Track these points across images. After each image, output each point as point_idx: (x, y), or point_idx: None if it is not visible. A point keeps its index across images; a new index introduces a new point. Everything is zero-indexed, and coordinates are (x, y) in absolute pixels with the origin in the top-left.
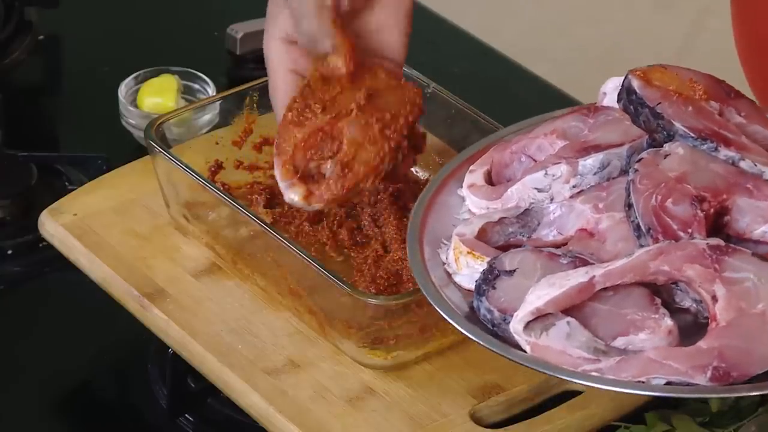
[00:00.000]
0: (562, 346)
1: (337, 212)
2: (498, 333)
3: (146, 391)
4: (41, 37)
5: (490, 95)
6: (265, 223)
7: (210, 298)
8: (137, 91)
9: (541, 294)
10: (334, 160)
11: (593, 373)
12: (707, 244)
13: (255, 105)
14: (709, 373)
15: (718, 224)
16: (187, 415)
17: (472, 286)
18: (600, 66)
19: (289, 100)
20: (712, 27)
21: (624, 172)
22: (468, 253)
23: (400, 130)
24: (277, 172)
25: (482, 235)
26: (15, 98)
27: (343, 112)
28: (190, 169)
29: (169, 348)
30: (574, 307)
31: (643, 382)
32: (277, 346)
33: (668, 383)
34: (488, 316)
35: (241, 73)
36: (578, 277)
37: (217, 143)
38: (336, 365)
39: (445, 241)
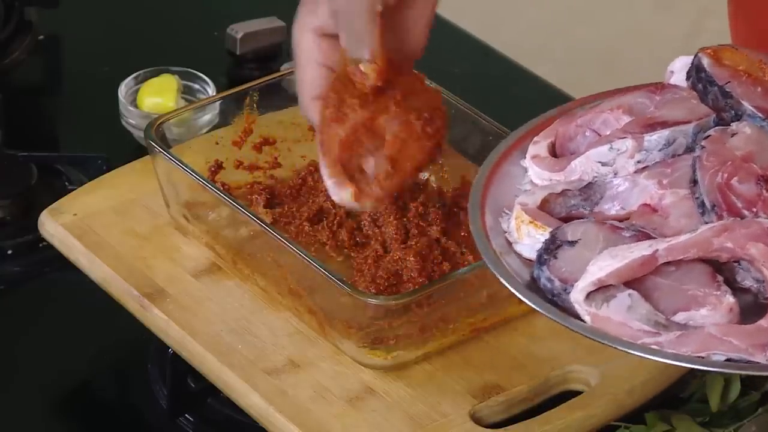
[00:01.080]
0: (623, 318)
1: (337, 212)
2: (558, 303)
3: (146, 391)
4: (41, 37)
5: (490, 95)
6: (265, 223)
7: (210, 298)
8: (137, 91)
9: (603, 265)
10: (380, 157)
11: (653, 346)
12: None
13: (255, 105)
14: None
15: None
16: (187, 415)
17: (532, 255)
18: (600, 66)
19: (317, 93)
20: (711, 27)
21: (689, 149)
22: (530, 222)
23: (440, 129)
24: (325, 171)
25: (544, 206)
26: (15, 98)
27: (382, 107)
28: (190, 169)
29: (169, 348)
30: (635, 280)
31: (702, 358)
32: (277, 346)
33: (727, 360)
34: (548, 286)
35: (241, 73)
36: (641, 249)
37: (217, 143)
38: (336, 365)
39: (506, 211)
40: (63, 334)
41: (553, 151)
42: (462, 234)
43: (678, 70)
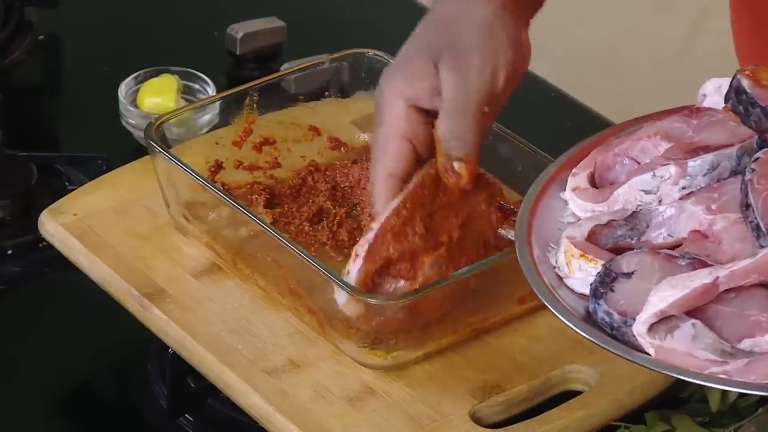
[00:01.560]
0: (688, 348)
1: (337, 212)
2: (617, 336)
3: (146, 391)
4: (41, 37)
5: None
6: (265, 223)
7: (210, 298)
8: (137, 91)
9: (664, 296)
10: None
11: (721, 375)
12: None
13: (255, 105)
14: None
15: None
16: (187, 415)
17: (585, 289)
18: (600, 66)
19: (396, 170)
20: (711, 28)
21: (734, 173)
22: (581, 256)
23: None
24: (356, 276)
25: (591, 238)
26: (15, 98)
27: (436, 242)
28: (190, 169)
29: (169, 348)
30: (696, 310)
31: None
32: (277, 346)
33: None
34: (607, 320)
35: (241, 73)
36: (702, 278)
37: (217, 143)
38: (336, 365)
39: (552, 245)
40: (63, 334)
41: (593, 182)
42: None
43: (710, 93)
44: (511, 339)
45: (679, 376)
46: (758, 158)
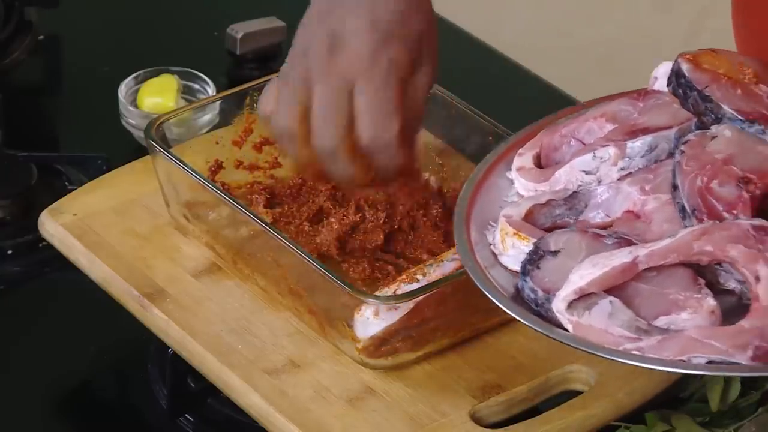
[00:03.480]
0: (604, 325)
1: (337, 212)
2: (542, 313)
3: (146, 391)
4: (41, 37)
5: (490, 95)
6: (265, 223)
7: (210, 298)
8: (137, 91)
9: (584, 274)
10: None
11: (634, 352)
12: (751, 224)
13: (255, 105)
14: (750, 352)
15: (765, 206)
16: (187, 415)
17: (517, 267)
18: (600, 66)
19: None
20: (711, 27)
21: (672, 154)
22: (514, 234)
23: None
24: (369, 336)
25: (529, 217)
26: (15, 98)
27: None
28: (190, 168)
29: (169, 348)
30: (617, 287)
31: (683, 361)
32: (277, 346)
33: (709, 362)
34: (532, 296)
35: (241, 73)
36: (622, 257)
37: (217, 143)
38: (336, 365)
39: (492, 223)
40: (63, 334)
41: (539, 162)
42: None
43: (662, 76)
44: (511, 339)
45: (593, 352)
46: (689, 140)
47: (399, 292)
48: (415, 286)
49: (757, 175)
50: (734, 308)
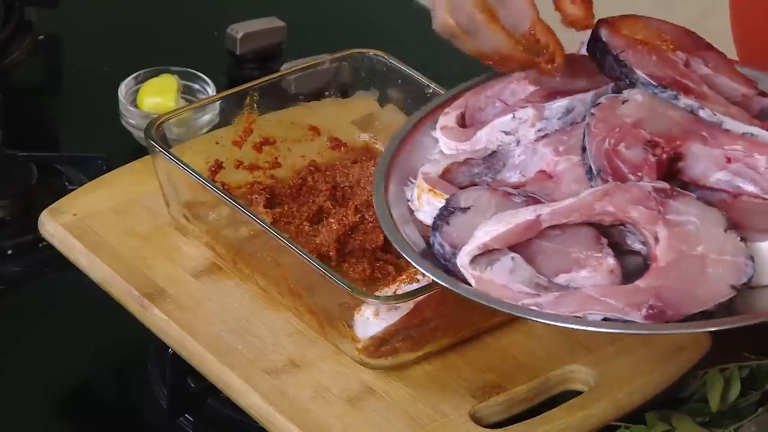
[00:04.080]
0: (505, 281)
1: (337, 212)
2: (449, 268)
3: (146, 391)
4: (41, 37)
5: None
6: (265, 223)
7: (210, 298)
8: (137, 91)
9: (489, 230)
10: None
11: (532, 307)
12: (653, 186)
13: (255, 105)
14: (644, 311)
15: (673, 171)
16: (187, 415)
17: (428, 222)
18: None
19: None
20: (711, 27)
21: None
22: (429, 190)
23: None
24: (369, 336)
25: (447, 175)
26: (15, 98)
27: None
28: (190, 168)
29: (169, 348)
30: (521, 244)
31: (579, 318)
32: (277, 346)
33: (605, 320)
34: (441, 251)
35: (241, 73)
36: (525, 214)
37: (217, 143)
38: (336, 365)
39: (412, 180)
40: (63, 334)
41: (463, 122)
42: None
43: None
44: (511, 339)
45: (492, 306)
46: (600, 103)
47: (399, 292)
48: (415, 286)
49: (665, 139)
50: (640, 269)
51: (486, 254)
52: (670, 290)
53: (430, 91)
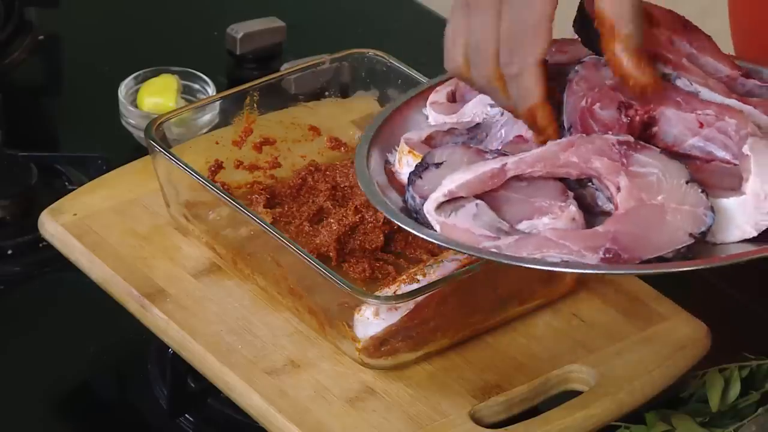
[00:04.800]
0: (468, 225)
1: (337, 212)
2: (419, 219)
3: (146, 391)
4: (41, 37)
5: None
6: (265, 223)
7: (210, 298)
8: (137, 91)
9: (455, 178)
10: None
11: (492, 250)
12: (617, 139)
13: (255, 105)
14: (600, 254)
15: (648, 137)
16: (187, 415)
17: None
18: None
19: (547, 52)
20: (711, 28)
21: None
22: (409, 152)
23: None
24: (370, 336)
25: (430, 142)
26: (15, 98)
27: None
28: (190, 168)
29: (169, 348)
30: (487, 195)
31: (537, 259)
32: (277, 346)
33: (562, 262)
34: (412, 203)
35: (241, 73)
36: (492, 164)
37: (217, 143)
38: (336, 365)
39: (395, 148)
40: (63, 334)
41: (453, 99)
42: None
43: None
44: (511, 339)
45: (452, 247)
46: (585, 62)
47: (399, 292)
48: (415, 286)
49: (639, 102)
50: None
51: (452, 202)
52: (628, 235)
53: None
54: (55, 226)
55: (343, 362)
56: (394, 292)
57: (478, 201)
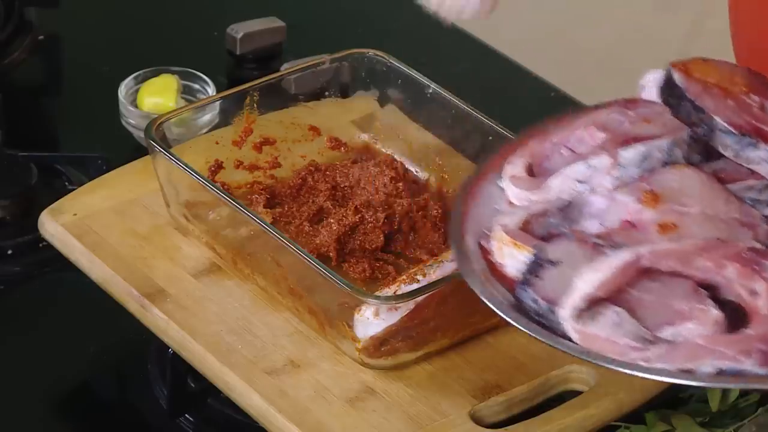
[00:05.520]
0: (610, 335)
1: (337, 212)
2: (543, 323)
3: (146, 391)
4: (41, 37)
5: (490, 95)
6: (265, 223)
7: (210, 298)
8: (137, 91)
9: (589, 279)
10: None
11: (641, 362)
12: (747, 246)
13: (255, 105)
14: (756, 357)
15: None
16: (187, 415)
17: (516, 276)
18: (600, 66)
19: None
20: (711, 28)
21: (665, 164)
22: (511, 243)
23: None
24: (371, 336)
25: (524, 226)
26: (15, 98)
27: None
28: (190, 168)
29: (169, 348)
30: (620, 299)
31: (690, 372)
32: (277, 346)
33: (719, 372)
34: (534, 306)
35: (241, 73)
36: (623, 256)
37: (217, 143)
38: (336, 365)
39: (486, 232)
40: (63, 334)
41: (530, 171)
42: None
43: (649, 84)
44: (511, 339)
45: (599, 363)
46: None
47: (399, 292)
48: (415, 286)
49: None
50: (731, 320)
51: (588, 308)
52: None
53: (430, 91)
54: (55, 226)
55: (343, 362)
56: (394, 292)
57: (617, 308)
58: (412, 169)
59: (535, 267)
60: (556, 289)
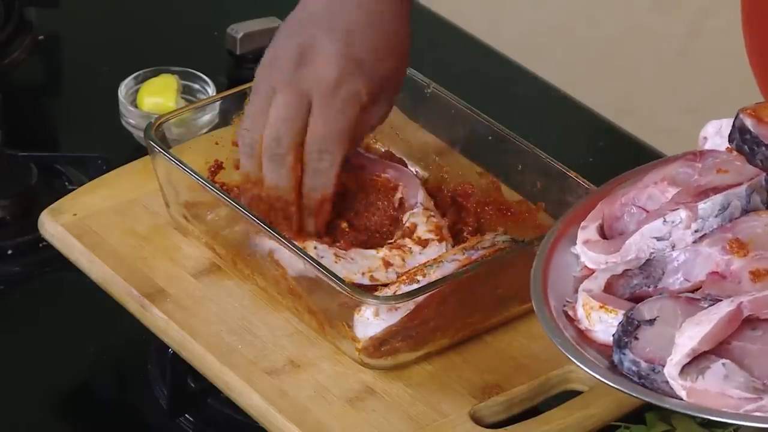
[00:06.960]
0: (721, 388)
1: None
2: (646, 384)
3: (146, 391)
4: (41, 37)
5: (490, 95)
6: (265, 223)
7: (210, 298)
8: (137, 91)
9: (692, 334)
10: None
11: (757, 413)
12: None
13: None
14: None
15: None
16: (187, 415)
17: (607, 340)
18: (600, 66)
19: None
20: (711, 27)
21: (745, 211)
22: (600, 307)
23: None
24: (370, 336)
25: (608, 289)
26: (15, 98)
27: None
28: (190, 169)
29: (169, 348)
30: (724, 351)
31: None
32: (277, 346)
33: None
34: (634, 368)
35: (241, 73)
36: (725, 307)
37: (217, 143)
38: (336, 365)
39: (569, 299)
40: (63, 334)
41: (603, 234)
42: (464, 234)
43: (711, 135)
44: (511, 339)
45: (715, 418)
46: None
47: (399, 292)
48: (415, 286)
49: None
50: None
51: (693, 363)
52: None
53: (430, 91)
54: (55, 226)
55: (343, 362)
56: (394, 292)
57: (724, 360)
58: (412, 168)
59: (630, 328)
60: (655, 348)
